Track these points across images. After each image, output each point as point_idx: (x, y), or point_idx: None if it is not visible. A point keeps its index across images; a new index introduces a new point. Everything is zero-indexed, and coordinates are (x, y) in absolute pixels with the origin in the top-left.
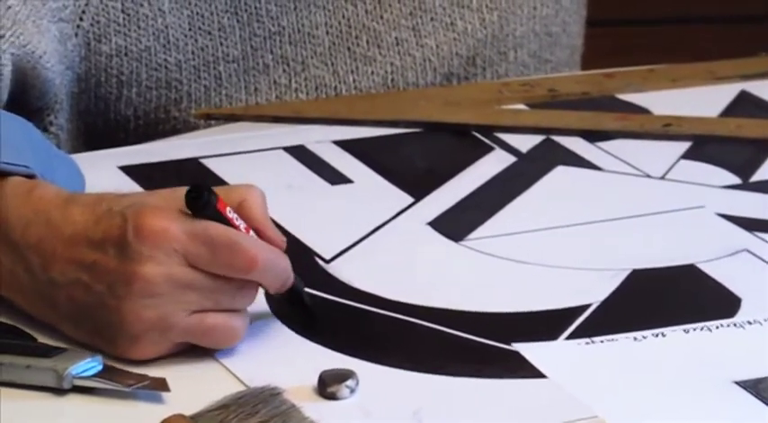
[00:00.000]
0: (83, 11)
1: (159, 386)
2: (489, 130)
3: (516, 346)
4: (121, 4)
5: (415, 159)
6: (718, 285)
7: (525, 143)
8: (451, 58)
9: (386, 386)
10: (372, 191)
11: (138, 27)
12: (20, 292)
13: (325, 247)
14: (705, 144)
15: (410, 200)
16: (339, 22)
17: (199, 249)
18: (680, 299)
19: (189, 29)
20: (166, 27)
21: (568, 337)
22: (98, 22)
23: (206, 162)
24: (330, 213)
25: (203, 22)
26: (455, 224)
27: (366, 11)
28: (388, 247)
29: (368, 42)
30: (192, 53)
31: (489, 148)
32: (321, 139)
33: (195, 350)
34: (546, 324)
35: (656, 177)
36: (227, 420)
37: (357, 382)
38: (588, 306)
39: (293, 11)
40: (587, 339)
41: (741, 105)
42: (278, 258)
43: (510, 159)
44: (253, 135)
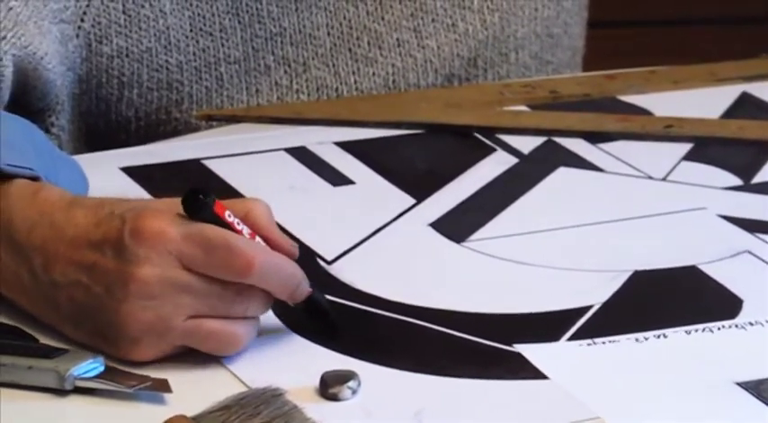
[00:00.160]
0: (84, 12)
1: (161, 387)
2: (491, 132)
3: (518, 348)
4: (123, 5)
5: (416, 161)
6: (719, 286)
7: (527, 144)
8: (453, 59)
9: (387, 387)
10: (374, 192)
11: (140, 28)
12: (23, 294)
13: (327, 249)
14: (706, 145)
15: (412, 201)
16: (340, 24)
17: (194, 251)
18: (681, 300)
19: (190, 30)
20: (168, 28)
21: (570, 339)
22: (99, 23)
23: (208, 163)
24: (332, 215)
25: (205, 24)
26: (457, 225)
27: (367, 12)
28: (389, 248)
29: (369, 44)
30: (194, 54)
31: (491, 150)
32: (323, 141)
33: (197, 351)
34: (548, 325)
35: (657, 179)
36: (228, 421)
37: (359, 383)
38: (590, 307)
39: (294, 12)
40: (589, 340)
41: (742, 107)
42: (281, 263)
43: (512, 161)
44: (254, 136)
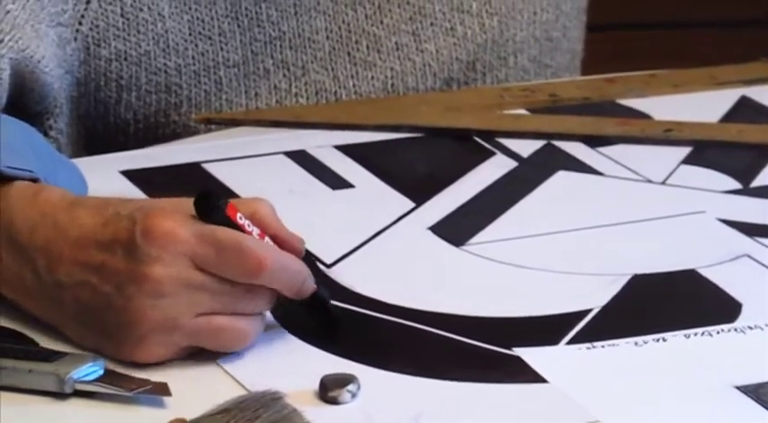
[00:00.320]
0: (82, 15)
1: (161, 390)
2: (490, 135)
3: (517, 351)
4: (121, 8)
5: (415, 164)
6: (718, 290)
7: (526, 148)
8: (451, 62)
9: (387, 391)
10: (373, 196)
11: (138, 31)
12: (27, 295)
13: (327, 252)
14: (706, 149)
15: (411, 205)
16: (339, 27)
17: (206, 251)
18: (681, 304)
19: (189, 33)
20: (166, 31)
21: (569, 342)
22: (97, 26)
23: (207, 167)
24: (331, 218)
25: (203, 27)
26: (456, 229)
27: (366, 16)
28: (388, 251)
29: (368, 47)
30: (192, 58)
31: (490, 153)
32: (322, 144)
33: (197, 355)
34: (547, 329)
35: (656, 182)
36: None
37: (358, 387)
38: (589, 311)
39: (293, 16)
40: (588, 344)
41: (742, 110)
42: (290, 262)
43: (511, 164)
44: (254, 140)
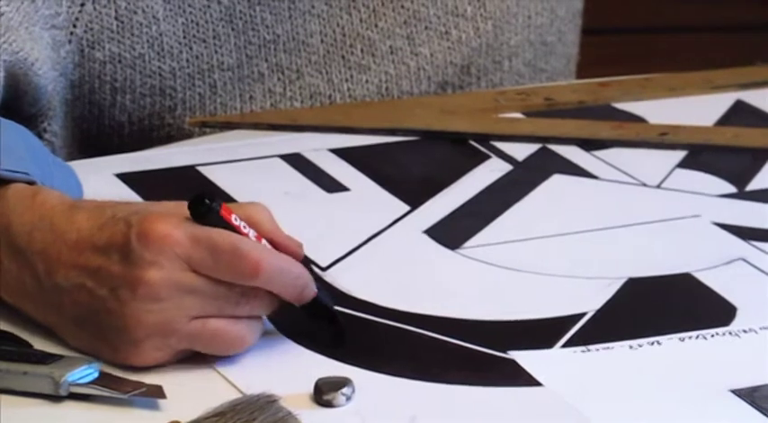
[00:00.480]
0: (76, 18)
1: (155, 393)
2: (486, 139)
3: (512, 354)
4: (115, 11)
5: (411, 167)
6: (713, 294)
7: (521, 152)
8: (446, 66)
9: (382, 394)
10: (369, 199)
11: (132, 34)
12: (26, 298)
13: (322, 255)
14: (701, 153)
15: (406, 208)
16: (334, 31)
17: (201, 254)
18: (676, 307)
19: (183, 37)
20: (161, 34)
21: (564, 345)
22: (92, 29)
23: (203, 170)
24: (326, 221)
25: (198, 30)
26: (451, 232)
27: (361, 20)
28: (384, 255)
29: (362, 51)
30: (187, 61)
31: (486, 157)
32: (317, 147)
33: (192, 358)
34: (542, 332)
35: (652, 186)
36: None
37: (353, 390)
38: (584, 314)
39: (288, 19)
40: (583, 347)
41: (737, 114)
42: (288, 265)
43: (506, 168)
44: (249, 143)
